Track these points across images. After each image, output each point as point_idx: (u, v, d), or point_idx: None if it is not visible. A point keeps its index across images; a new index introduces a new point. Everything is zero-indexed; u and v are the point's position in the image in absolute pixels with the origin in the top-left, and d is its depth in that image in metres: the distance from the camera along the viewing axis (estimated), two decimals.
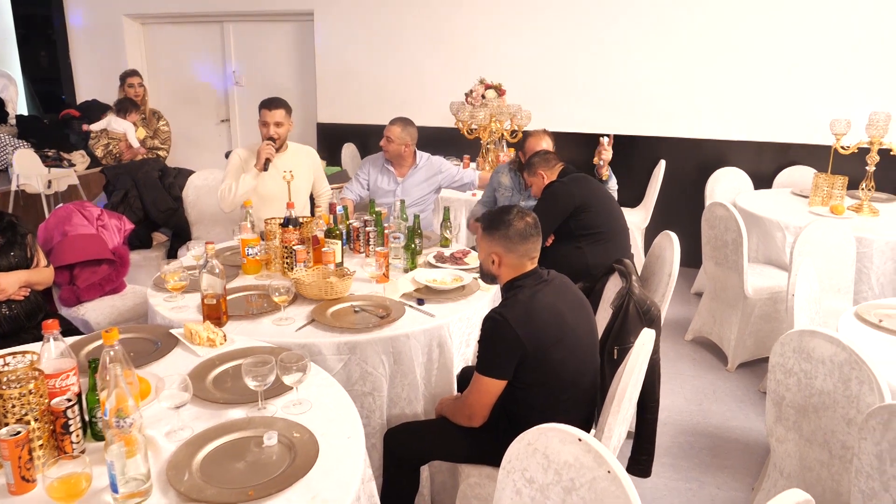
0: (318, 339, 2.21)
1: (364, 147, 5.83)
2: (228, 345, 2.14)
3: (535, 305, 1.90)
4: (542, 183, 3.25)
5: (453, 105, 4.81)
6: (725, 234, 3.71)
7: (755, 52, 5.08)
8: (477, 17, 5.62)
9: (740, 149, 5.27)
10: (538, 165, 3.26)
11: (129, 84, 5.21)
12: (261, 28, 6.46)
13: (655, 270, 3.00)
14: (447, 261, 2.98)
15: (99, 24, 6.74)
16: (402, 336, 2.27)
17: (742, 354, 3.79)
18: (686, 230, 5.27)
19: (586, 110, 5.50)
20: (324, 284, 2.48)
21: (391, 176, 3.93)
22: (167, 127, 5.29)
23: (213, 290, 2.27)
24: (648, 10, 5.23)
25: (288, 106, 3.60)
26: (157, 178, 4.42)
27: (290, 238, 2.76)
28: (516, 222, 2.00)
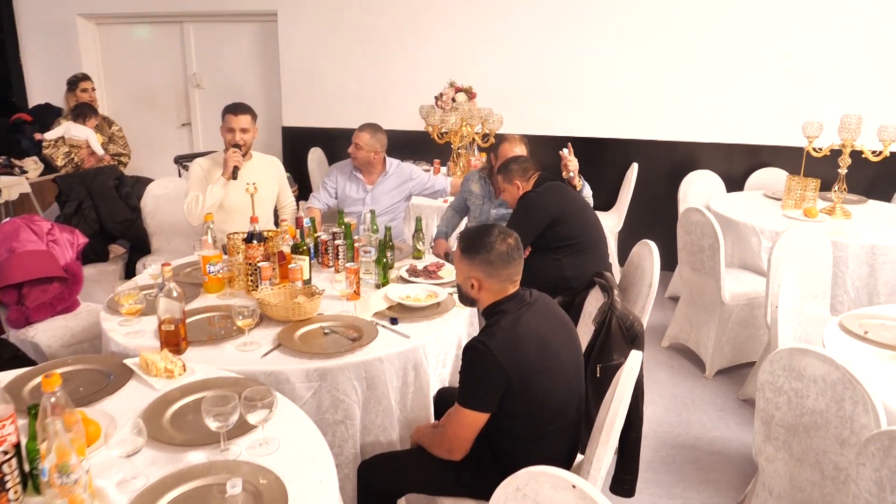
0: (285, 366, 2.07)
1: (331, 152, 5.66)
2: (188, 375, 1.99)
3: (519, 332, 1.79)
4: (517, 193, 3.14)
5: (423, 108, 4.68)
6: (702, 239, 3.65)
7: (725, 53, 5.05)
8: (447, 18, 5.50)
9: (712, 151, 5.24)
10: (514, 175, 3.13)
11: (82, 89, 4.96)
12: (222, 28, 6.25)
13: (635, 281, 2.92)
14: (420, 274, 2.86)
15: (52, 25, 6.45)
16: (375, 360, 2.15)
17: (720, 361, 3.74)
18: (660, 233, 5.23)
19: (558, 113, 5.42)
20: (291, 305, 2.34)
21: (360, 184, 3.79)
22: (121, 132, 5.07)
23: (172, 315, 2.12)
24: (619, 12, 5.17)
25: (254, 112, 3.45)
26: (113, 188, 4.21)
27: (254, 254, 2.61)
28: (498, 245, 1.88)
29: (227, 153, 3.34)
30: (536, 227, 2.99)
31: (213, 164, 3.46)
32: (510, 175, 3.14)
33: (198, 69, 6.41)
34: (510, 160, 3.21)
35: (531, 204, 3.02)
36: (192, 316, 2.44)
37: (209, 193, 3.32)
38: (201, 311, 2.49)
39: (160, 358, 2.00)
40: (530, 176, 3.14)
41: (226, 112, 3.39)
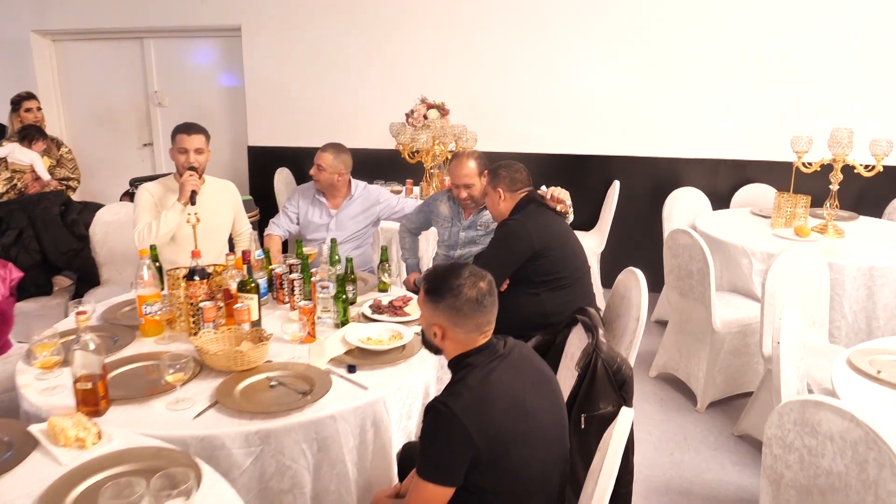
0: (221, 429, 1.78)
1: (299, 172, 5.38)
2: (104, 444, 1.69)
3: (490, 391, 1.52)
4: (498, 204, 2.88)
5: (393, 126, 4.43)
6: (690, 263, 3.42)
7: (708, 65, 4.86)
8: (418, 31, 5.27)
9: (696, 167, 5.04)
10: (501, 181, 2.86)
11: (26, 109, 4.63)
12: (184, 45, 5.96)
13: (621, 313, 2.67)
14: (385, 311, 2.58)
15: (4, 41, 6.12)
16: (327, 418, 1.87)
17: (712, 393, 3.50)
18: (644, 254, 5.02)
19: (536, 129, 5.19)
20: (232, 354, 2.05)
21: (323, 208, 3.51)
22: (71, 154, 4.74)
23: (89, 371, 1.82)
24: (597, 25, 4.97)
25: (207, 132, 3.18)
26: (57, 215, 3.90)
27: (195, 293, 2.32)
28: (467, 289, 1.61)
29: (181, 176, 3.05)
30: (517, 259, 2.72)
31: (165, 190, 3.17)
32: (497, 180, 2.87)
33: (159, 87, 6.11)
34: (503, 164, 2.90)
35: (511, 234, 2.75)
36: (123, 366, 2.15)
37: (164, 220, 3.01)
38: (134, 359, 2.20)
39: (72, 424, 1.70)
40: (518, 189, 2.86)
41: (177, 132, 3.12)
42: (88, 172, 6.36)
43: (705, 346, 3.47)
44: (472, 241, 3.29)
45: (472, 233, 3.29)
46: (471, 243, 3.29)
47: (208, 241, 3.12)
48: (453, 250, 3.33)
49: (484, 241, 3.27)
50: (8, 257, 3.74)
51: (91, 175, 6.37)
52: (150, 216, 3.08)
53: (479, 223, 3.27)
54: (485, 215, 3.25)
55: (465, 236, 3.30)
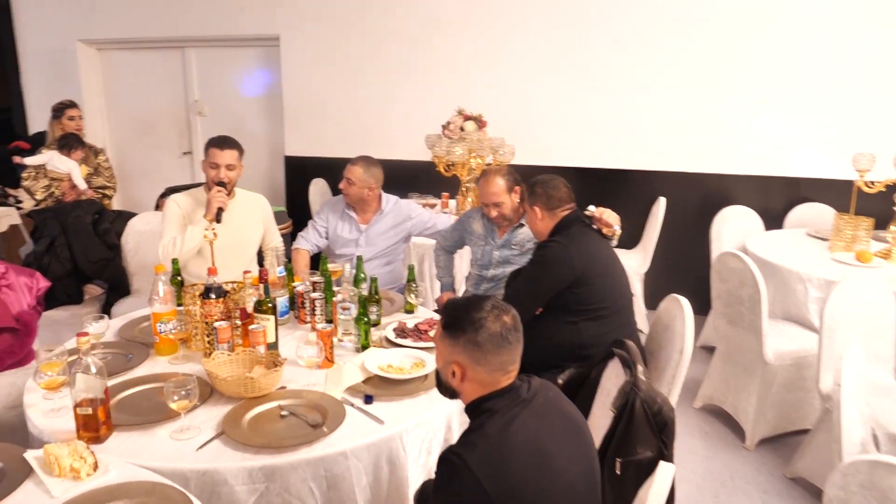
0: (223, 463, 1.66)
1: (335, 183, 5.26)
2: (99, 475, 1.58)
3: (510, 442, 1.36)
4: (535, 222, 2.70)
5: (429, 138, 4.30)
6: (740, 289, 3.19)
7: (761, 77, 4.61)
8: (456, 43, 5.15)
9: (746, 184, 4.78)
10: (538, 199, 2.66)
11: (69, 117, 4.66)
12: (224, 54, 5.96)
13: (663, 344, 2.47)
14: (409, 334, 2.44)
15: (52, 50, 6.23)
16: (338, 455, 1.73)
17: (762, 429, 3.25)
18: (690, 275, 4.79)
19: (576, 142, 5.01)
20: (243, 380, 1.93)
21: (353, 223, 3.40)
22: (108, 162, 4.75)
23: (90, 395, 1.73)
24: (643, 35, 4.77)
25: (241, 147, 3.06)
26: (90, 224, 3.87)
27: (211, 312, 2.22)
28: (490, 323, 1.44)
29: (210, 192, 2.95)
30: (555, 285, 2.53)
31: (194, 203, 3.08)
32: (533, 198, 2.68)
33: (200, 96, 6.12)
34: (540, 180, 2.71)
35: (552, 257, 2.54)
36: (132, 387, 2.06)
37: (189, 235, 2.92)
38: (144, 380, 2.10)
39: (67, 452, 1.60)
40: (556, 207, 2.65)
41: (210, 145, 3.01)
42: (129, 180, 6.43)
43: (755, 378, 3.23)
44: (505, 260, 3.13)
45: (506, 252, 3.13)
46: (504, 263, 3.13)
47: (235, 257, 3.04)
48: (486, 269, 3.18)
49: (518, 260, 3.11)
50: (40, 265, 3.74)
51: (131, 183, 6.44)
52: (177, 230, 3.00)
53: (514, 242, 3.11)
54: (519, 234, 3.09)
55: (498, 255, 3.15)
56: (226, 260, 2.91)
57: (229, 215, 2.96)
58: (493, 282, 3.17)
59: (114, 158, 6.37)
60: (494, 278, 3.16)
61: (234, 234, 3.03)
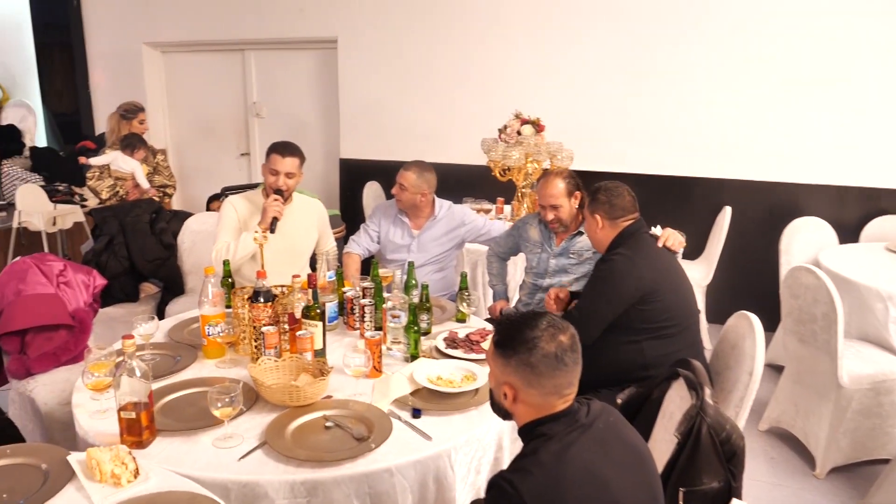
0: (265, 475, 1.61)
1: (389, 186, 5.21)
2: (139, 482, 1.55)
3: (566, 471, 1.25)
4: (595, 231, 2.54)
5: (485, 142, 4.21)
6: (813, 306, 2.99)
7: (836, 80, 4.36)
8: (513, 45, 5.05)
9: (819, 194, 4.52)
10: (599, 207, 2.50)
11: (140, 120, 4.77)
12: (282, 57, 6.02)
13: (730, 364, 2.32)
14: (460, 345, 2.35)
15: (119, 53, 6.41)
16: (383, 472, 1.65)
17: (835, 457, 3.03)
18: (756, 288, 4.57)
19: (637, 148, 4.84)
20: (288, 389, 1.88)
21: (405, 228, 3.33)
22: (166, 161, 4.83)
23: (134, 399, 1.70)
24: (708, 37, 4.57)
25: (303, 155, 2.98)
26: (147, 223, 3.92)
27: (259, 316, 2.18)
28: (545, 343, 1.34)
29: (266, 200, 2.87)
30: (624, 300, 2.36)
31: (251, 208, 3.01)
32: (595, 205, 2.52)
33: (258, 98, 6.19)
34: (603, 187, 2.55)
35: (618, 272, 2.38)
36: (177, 390, 2.03)
37: (242, 243, 2.87)
38: (190, 384, 2.07)
39: (109, 457, 1.57)
40: (619, 217, 2.49)
41: (272, 150, 2.91)
42: (188, 180, 6.55)
43: (828, 402, 3.02)
44: (562, 269, 3.01)
45: (563, 261, 3.01)
46: (561, 272, 3.01)
47: (288, 262, 2.97)
48: (542, 278, 3.06)
49: (575, 270, 2.99)
50: (99, 262, 3.80)
51: (190, 183, 6.56)
52: (231, 235, 2.94)
53: (572, 251, 2.98)
54: (578, 242, 2.97)
55: (555, 264, 3.02)
56: (278, 266, 2.87)
57: (284, 221, 2.89)
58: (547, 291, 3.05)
59: (174, 159, 6.51)
60: (550, 287, 3.04)
61: (288, 240, 2.98)
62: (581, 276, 2.96)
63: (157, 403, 1.90)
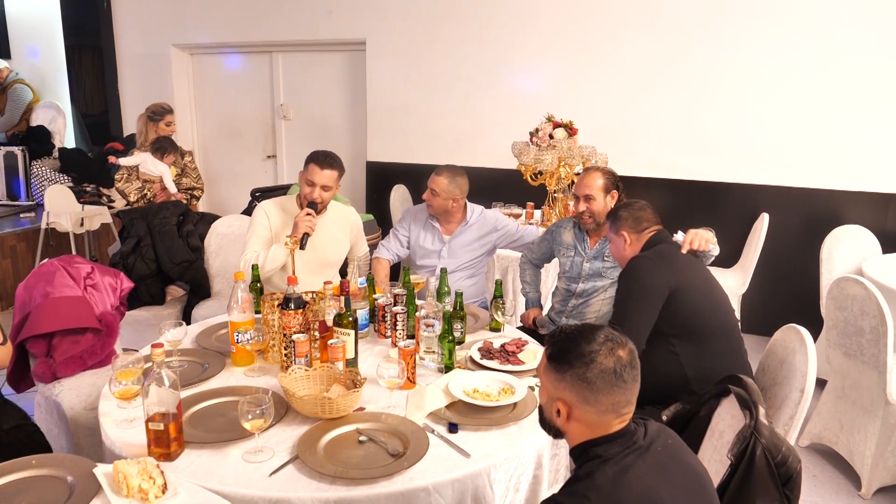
0: (297, 493, 1.54)
1: (416, 190, 5.20)
2: (167, 498, 1.48)
3: (623, 497, 1.17)
4: (624, 249, 2.48)
5: (516, 146, 4.13)
6: (860, 319, 2.87)
7: (876, 83, 4.21)
8: (545, 47, 4.96)
9: (861, 201, 4.38)
10: (623, 224, 2.47)
11: (167, 122, 4.74)
12: (310, 58, 5.99)
13: (779, 380, 2.20)
14: (496, 355, 2.27)
15: (148, 55, 6.43)
16: (420, 490, 1.58)
17: (882, 476, 2.90)
18: (794, 298, 4.44)
19: (673, 153, 4.72)
20: (320, 401, 1.81)
21: (436, 234, 3.26)
22: (194, 163, 4.80)
23: (163, 409, 1.64)
24: (747, 41, 4.45)
25: (342, 167, 2.88)
26: (174, 225, 3.89)
27: (289, 323, 2.11)
28: (603, 358, 1.27)
29: (299, 214, 2.76)
30: (654, 303, 2.27)
31: (283, 217, 2.92)
32: (618, 223, 2.48)
33: (285, 100, 6.17)
34: (623, 205, 2.55)
35: (640, 272, 2.32)
36: (205, 400, 1.97)
37: (271, 255, 2.77)
38: (219, 393, 2.01)
39: (137, 471, 1.51)
40: (644, 229, 2.45)
41: (311, 160, 2.81)
42: (215, 182, 6.55)
43: (876, 419, 2.89)
44: (596, 273, 2.91)
45: (597, 264, 2.91)
46: (595, 276, 2.92)
47: (318, 272, 2.91)
48: (575, 283, 2.97)
49: (611, 273, 2.89)
50: (126, 265, 3.78)
51: (216, 185, 6.56)
52: (261, 245, 2.86)
53: (606, 254, 2.89)
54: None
55: (588, 268, 2.93)
56: (308, 276, 2.81)
57: (316, 233, 2.81)
58: (581, 297, 2.96)
59: (201, 160, 6.51)
60: (583, 293, 2.94)
61: (319, 251, 2.91)
62: (614, 282, 2.87)
63: (184, 413, 1.84)
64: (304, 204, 2.82)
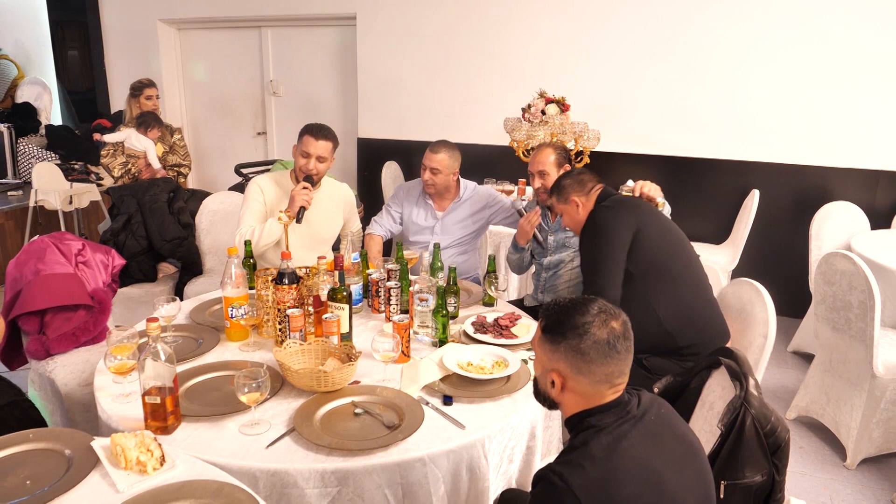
0: (294, 463, 1.56)
1: (407, 166, 5.19)
2: (165, 470, 1.50)
3: (619, 466, 1.19)
4: (577, 213, 2.50)
5: (508, 122, 4.13)
6: (849, 293, 2.90)
7: (867, 61, 4.22)
8: (537, 23, 4.92)
9: (851, 178, 4.41)
10: (570, 191, 2.50)
11: (146, 96, 4.67)
12: (300, 34, 5.92)
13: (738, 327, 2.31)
14: (489, 329, 2.29)
15: (134, 30, 6.33)
16: (415, 461, 1.60)
17: (866, 448, 2.96)
18: (783, 273, 4.49)
19: (664, 130, 4.72)
20: (315, 374, 1.82)
21: (429, 210, 3.26)
22: (183, 141, 4.75)
23: (159, 383, 1.65)
24: (739, 18, 4.43)
25: (336, 139, 2.88)
26: (165, 202, 3.87)
27: (283, 298, 2.12)
28: (596, 329, 1.28)
29: (295, 187, 2.77)
30: (623, 244, 2.31)
31: (278, 192, 2.92)
32: (564, 192, 2.52)
33: (275, 76, 6.11)
34: (561, 176, 2.61)
35: (604, 219, 2.36)
36: (201, 374, 1.98)
37: (267, 230, 2.77)
38: (215, 367, 2.02)
39: (134, 444, 1.52)
40: (590, 189, 2.50)
41: (305, 132, 2.81)
42: (204, 159, 6.50)
43: (861, 391, 2.94)
44: (561, 244, 2.92)
45: (560, 235, 2.92)
46: (561, 247, 2.92)
47: (312, 248, 2.91)
48: (543, 256, 2.98)
49: (573, 242, 2.90)
50: (117, 242, 3.76)
51: (206, 162, 6.51)
52: (256, 220, 2.85)
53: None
54: None
55: (553, 241, 2.94)
56: (301, 251, 2.81)
57: (311, 208, 2.81)
58: (550, 269, 2.96)
59: (190, 137, 6.45)
60: (551, 265, 2.95)
61: (314, 227, 2.91)
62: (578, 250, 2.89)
63: (180, 387, 1.85)
64: (299, 178, 2.81)
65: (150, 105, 4.67)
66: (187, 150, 4.78)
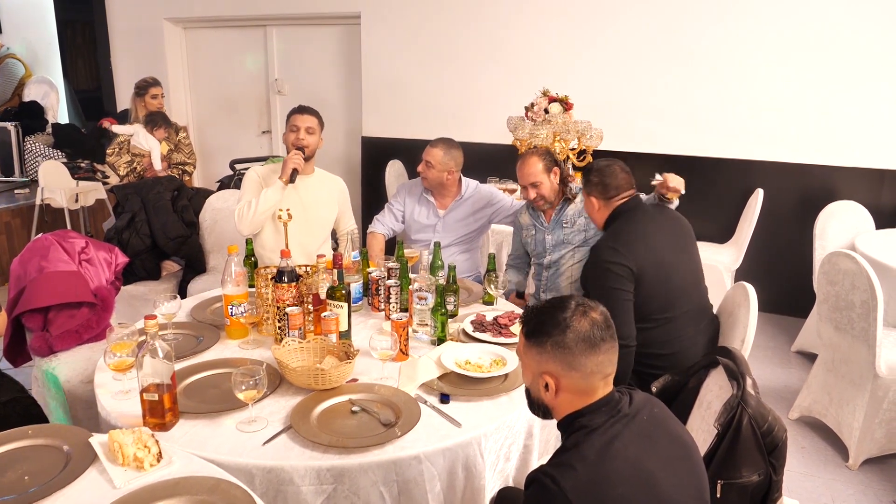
0: (290, 461, 1.56)
1: (411, 165, 5.19)
2: (162, 466, 1.51)
3: (611, 467, 1.19)
4: (594, 212, 2.56)
5: (511, 120, 4.12)
6: (851, 293, 2.89)
7: (871, 59, 4.19)
8: (541, 22, 4.92)
9: (856, 177, 4.38)
10: (593, 188, 2.52)
11: (152, 95, 4.69)
12: (305, 32, 5.93)
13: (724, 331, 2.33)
14: (488, 328, 2.29)
15: (140, 29, 6.36)
16: (411, 459, 1.60)
17: (869, 448, 2.95)
18: (787, 273, 4.47)
19: (668, 128, 4.71)
20: (313, 372, 1.83)
21: (430, 208, 3.26)
22: (188, 139, 4.77)
23: (157, 380, 1.66)
24: (743, 16, 4.41)
25: (320, 116, 3.03)
26: (169, 200, 3.88)
27: (283, 296, 2.13)
28: (577, 323, 1.28)
29: (287, 156, 2.92)
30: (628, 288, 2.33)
31: (271, 172, 3.05)
32: (588, 186, 2.55)
33: (280, 75, 6.12)
34: (596, 168, 2.56)
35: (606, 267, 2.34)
36: (200, 371, 1.99)
37: (263, 197, 2.87)
38: (214, 364, 2.03)
39: (132, 440, 1.53)
40: (612, 196, 2.49)
41: (291, 112, 3.01)
42: (209, 158, 6.52)
43: (864, 392, 2.93)
44: (560, 242, 2.91)
45: (557, 232, 2.91)
46: (560, 245, 2.91)
47: (310, 232, 3.00)
48: (543, 257, 2.97)
49: (573, 238, 2.90)
50: (121, 240, 3.78)
51: (211, 160, 6.53)
52: (253, 195, 2.96)
53: (565, 221, 2.90)
54: (567, 212, 2.90)
55: (551, 239, 2.93)
56: (300, 237, 2.88)
57: (306, 191, 2.93)
58: (551, 268, 2.96)
59: (195, 136, 6.48)
60: (552, 264, 2.94)
61: (309, 209, 2.98)
62: (579, 245, 2.90)
63: (179, 385, 1.86)
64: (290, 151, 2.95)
65: (156, 104, 4.69)
66: (192, 149, 4.80)
